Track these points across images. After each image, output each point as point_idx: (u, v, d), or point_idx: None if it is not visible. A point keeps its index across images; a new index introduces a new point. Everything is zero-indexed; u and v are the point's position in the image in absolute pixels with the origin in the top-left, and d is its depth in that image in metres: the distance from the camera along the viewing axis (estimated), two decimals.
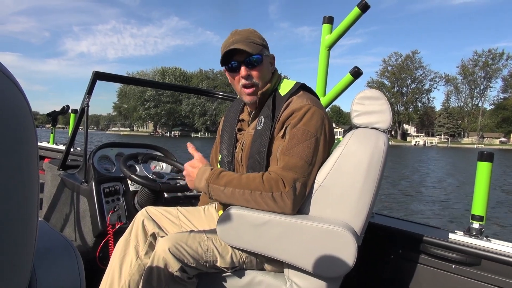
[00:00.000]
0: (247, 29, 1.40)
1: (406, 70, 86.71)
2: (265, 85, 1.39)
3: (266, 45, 1.42)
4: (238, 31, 1.38)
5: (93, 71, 1.83)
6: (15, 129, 0.41)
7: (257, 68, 1.35)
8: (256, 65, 1.35)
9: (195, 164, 1.34)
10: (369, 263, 1.67)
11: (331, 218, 1.21)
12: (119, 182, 1.95)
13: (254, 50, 1.33)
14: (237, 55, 1.34)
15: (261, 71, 1.36)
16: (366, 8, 1.75)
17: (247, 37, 1.35)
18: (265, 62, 1.37)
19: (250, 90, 1.37)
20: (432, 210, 8.65)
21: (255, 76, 1.36)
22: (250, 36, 1.36)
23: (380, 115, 1.31)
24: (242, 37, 1.35)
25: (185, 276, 1.18)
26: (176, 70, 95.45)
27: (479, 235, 1.45)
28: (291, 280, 1.25)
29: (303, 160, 1.21)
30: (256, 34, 1.40)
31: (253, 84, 1.36)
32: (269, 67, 1.41)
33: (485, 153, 1.45)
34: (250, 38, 1.35)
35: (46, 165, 2.32)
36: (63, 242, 0.73)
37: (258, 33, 1.41)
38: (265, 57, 1.37)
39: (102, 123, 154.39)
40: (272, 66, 1.44)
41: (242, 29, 1.40)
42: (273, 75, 1.43)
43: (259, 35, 1.40)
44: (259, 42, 1.37)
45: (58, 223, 2.09)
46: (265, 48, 1.39)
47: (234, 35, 1.37)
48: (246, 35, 1.36)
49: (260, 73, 1.36)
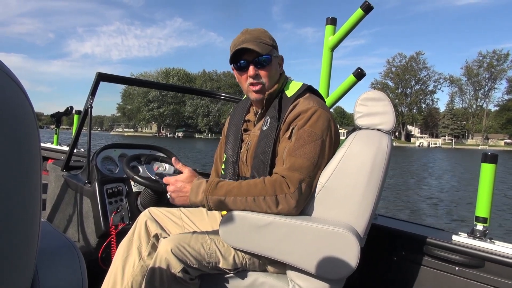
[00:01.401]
0: (258, 28, 1.40)
1: (410, 71, 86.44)
2: (272, 86, 1.39)
3: (276, 46, 1.41)
4: (248, 30, 1.38)
5: (96, 73, 1.83)
6: (17, 130, 0.41)
7: (266, 68, 1.35)
8: (265, 65, 1.35)
9: (187, 179, 1.28)
10: (372, 264, 1.67)
11: (334, 219, 1.21)
12: (122, 183, 1.95)
13: (263, 50, 1.32)
14: (246, 55, 1.34)
15: (269, 71, 1.36)
16: (369, 9, 1.75)
17: (257, 37, 1.35)
18: (273, 62, 1.37)
19: (257, 87, 1.37)
20: (435, 212, 8.61)
21: (263, 75, 1.36)
22: (261, 36, 1.36)
23: (383, 117, 1.31)
24: (252, 36, 1.35)
25: (187, 277, 1.18)
26: (180, 71, 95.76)
27: (483, 237, 1.44)
28: (293, 282, 1.25)
29: (309, 161, 1.21)
30: (267, 34, 1.39)
31: (260, 83, 1.37)
32: (278, 68, 1.41)
33: (489, 154, 1.44)
34: (260, 38, 1.35)
35: (50, 166, 2.33)
36: (66, 243, 0.73)
37: (268, 33, 1.40)
38: (274, 58, 1.37)
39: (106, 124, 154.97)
40: (280, 67, 1.44)
41: (253, 28, 1.40)
42: (280, 76, 1.43)
43: (269, 35, 1.40)
44: (269, 43, 1.37)
45: (61, 223, 2.10)
46: (274, 48, 1.39)
47: (245, 34, 1.37)
48: (256, 35, 1.36)
49: (268, 73, 1.36)
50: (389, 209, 8.49)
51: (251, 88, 1.38)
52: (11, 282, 0.43)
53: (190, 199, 1.25)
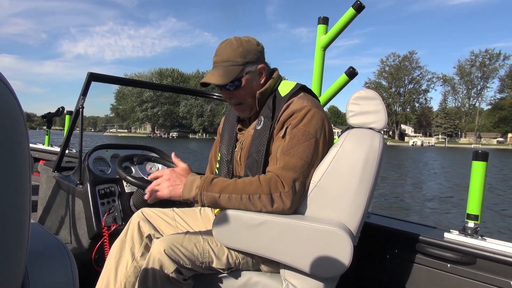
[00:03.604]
0: (232, 43, 1.34)
1: (404, 71, 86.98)
2: (254, 97, 1.38)
3: (252, 58, 1.34)
4: (221, 49, 1.34)
5: (88, 73, 1.82)
6: (5, 130, 0.40)
7: (238, 91, 1.35)
8: (236, 88, 1.35)
9: (183, 170, 1.29)
10: (365, 263, 1.68)
11: (327, 218, 1.21)
12: (115, 184, 1.94)
13: (228, 78, 1.30)
14: None
15: (243, 91, 1.36)
16: (361, 9, 1.76)
17: (227, 59, 1.32)
18: (246, 81, 1.34)
19: (238, 108, 1.40)
20: (428, 210, 8.67)
21: (238, 96, 1.37)
22: (231, 57, 1.31)
23: (375, 115, 1.31)
24: (221, 58, 1.33)
25: (180, 277, 1.18)
26: (174, 71, 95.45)
27: (474, 234, 1.45)
28: (287, 281, 1.25)
29: (303, 160, 1.22)
30: (239, 50, 1.32)
31: (239, 102, 1.38)
32: (257, 80, 1.37)
33: (479, 152, 1.45)
34: (230, 60, 1.32)
35: (41, 167, 2.30)
36: (56, 244, 0.72)
37: (244, 46, 1.33)
38: (246, 76, 1.34)
39: (99, 125, 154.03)
40: (262, 77, 1.39)
41: (226, 45, 1.34)
42: (272, 75, 1.42)
43: (243, 50, 1.32)
44: (239, 62, 1.31)
45: (53, 225, 2.08)
46: (248, 64, 1.33)
47: (216, 56, 1.35)
48: (226, 57, 1.32)
49: (243, 93, 1.36)
50: (381, 207, 8.53)
51: (234, 108, 1.42)
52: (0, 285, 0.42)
53: (183, 195, 1.23)
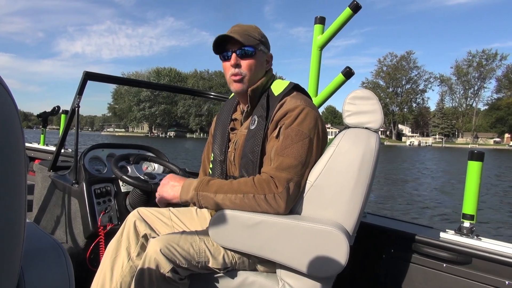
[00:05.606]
0: (250, 24, 1.41)
1: (401, 71, 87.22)
2: (254, 80, 1.37)
3: (265, 42, 1.40)
4: (239, 24, 1.39)
5: (83, 71, 1.81)
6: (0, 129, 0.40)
7: (248, 60, 1.35)
8: (248, 56, 1.34)
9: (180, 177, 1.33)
10: (361, 262, 1.68)
11: (323, 218, 1.21)
12: (111, 183, 1.93)
13: (247, 42, 1.32)
14: (231, 44, 1.34)
15: (252, 64, 1.35)
16: (357, 9, 1.76)
17: (245, 30, 1.35)
18: (258, 55, 1.36)
19: (237, 78, 1.36)
20: (424, 209, 8.70)
21: (244, 66, 1.35)
22: (249, 30, 1.36)
23: (371, 115, 1.31)
24: (241, 29, 1.35)
25: (176, 277, 1.17)
26: (172, 70, 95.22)
27: (469, 234, 1.46)
28: (283, 281, 1.25)
29: (297, 161, 1.21)
30: (257, 30, 1.39)
31: (240, 74, 1.36)
32: (263, 64, 1.41)
33: (475, 152, 1.46)
34: (248, 32, 1.35)
35: (37, 166, 2.29)
36: (52, 244, 0.72)
37: (259, 30, 1.40)
38: (259, 52, 1.36)
39: (96, 124, 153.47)
40: (268, 64, 1.43)
41: (245, 24, 1.40)
42: (266, 73, 1.42)
43: (259, 32, 1.40)
44: (256, 37, 1.36)
45: (49, 224, 2.08)
46: (262, 44, 1.38)
47: (234, 27, 1.38)
48: (245, 28, 1.36)
49: (250, 65, 1.35)
50: (378, 207, 8.55)
51: (232, 79, 1.37)
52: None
53: (181, 197, 1.26)
